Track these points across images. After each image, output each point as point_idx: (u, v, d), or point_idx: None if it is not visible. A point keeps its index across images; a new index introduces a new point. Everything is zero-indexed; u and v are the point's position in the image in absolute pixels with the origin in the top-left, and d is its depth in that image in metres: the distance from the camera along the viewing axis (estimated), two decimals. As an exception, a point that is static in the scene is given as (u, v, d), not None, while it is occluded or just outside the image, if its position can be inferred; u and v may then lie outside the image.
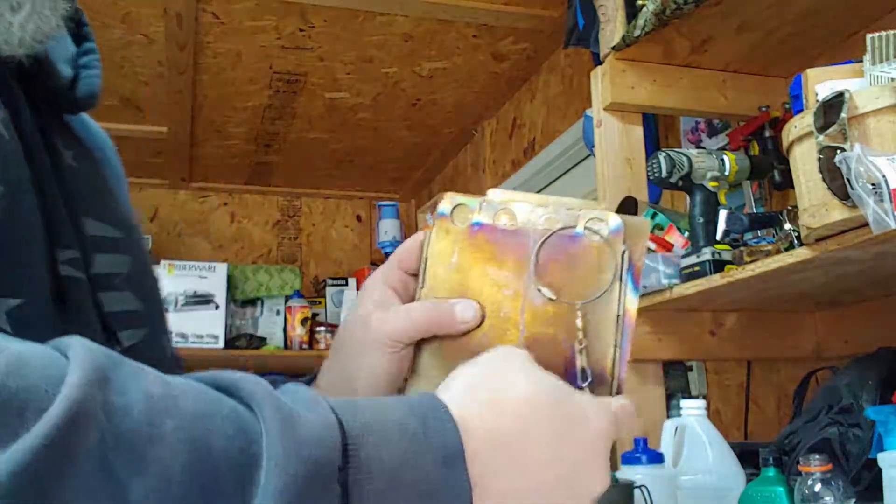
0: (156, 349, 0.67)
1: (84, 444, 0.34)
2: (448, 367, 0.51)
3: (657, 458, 1.29)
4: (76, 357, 0.37)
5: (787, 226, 1.17)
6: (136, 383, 0.37)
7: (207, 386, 0.39)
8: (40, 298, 0.52)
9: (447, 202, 0.56)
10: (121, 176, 0.77)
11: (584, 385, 0.51)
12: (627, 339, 0.53)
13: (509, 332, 0.53)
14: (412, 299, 0.57)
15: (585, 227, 0.54)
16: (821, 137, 0.97)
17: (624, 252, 0.53)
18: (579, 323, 0.52)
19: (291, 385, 0.42)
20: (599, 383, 0.52)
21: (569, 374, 0.52)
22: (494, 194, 0.55)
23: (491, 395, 0.45)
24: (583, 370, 0.52)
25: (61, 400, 0.34)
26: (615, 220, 0.54)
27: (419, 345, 0.55)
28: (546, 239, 0.54)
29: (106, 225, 0.65)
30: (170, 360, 0.69)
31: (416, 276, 0.57)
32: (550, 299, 0.53)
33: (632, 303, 0.53)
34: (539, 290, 0.53)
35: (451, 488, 0.40)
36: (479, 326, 0.54)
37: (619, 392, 0.52)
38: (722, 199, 1.39)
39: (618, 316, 0.53)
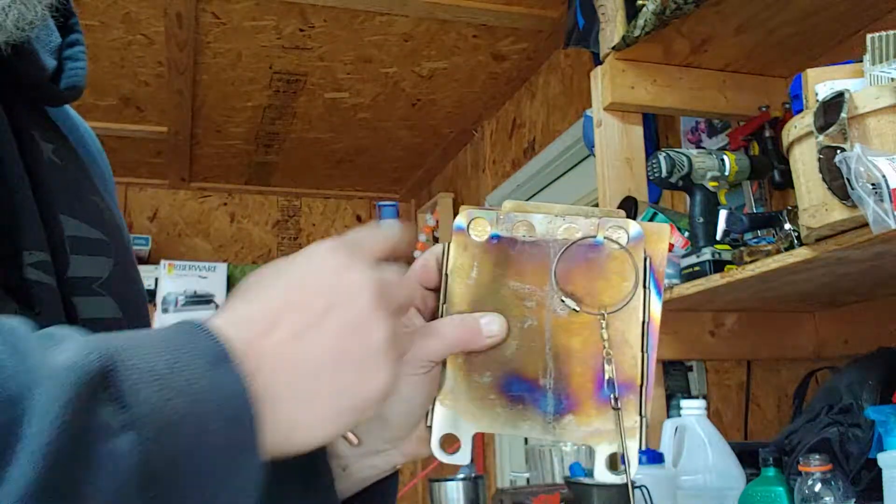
0: None
1: None
2: (475, 381, 0.50)
3: (657, 458, 1.29)
4: None
5: (787, 226, 1.17)
6: None
7: None
8: None
9: (463, 216, 0.55)
10: (107, 175, 0.74)
11: (612, 395, 0.51)
12: (653, 345, 0.52)
13: (535, 342, 0.53)
14: (433, 315, 0.55)
15: (605, 236, 0.53)
16: (821, 137, 0.97)
17: (646, 259, 0.53)
18: (605, 333, 0.52)
19: (53, 330, 0.39)
20: (629, 391, 0.51)
21: (596, 385, 0.51)
22: (510, 205, 0.55)
23: (235, 297, 0.44)
24: (610, 381, 0.51)
25: None
26: (635, 227, 0.53)
27: (445, 360, 0.54)
28: (566, 249, 0.53)
29: (86, 225, 0.62)
30: None
31: (434, 290, 0.56)
32: (574, 310, 0.52)
33: (656, 309, 0.53)
34: (562, 301, 0.53)
35: (222, 385, 0.38)
36: (504, 340, 0.53)
37: (648, 400, 0.52)
38: (722, 199, 1.39)
39: (643, 322, 0.52)
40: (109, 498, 0.34)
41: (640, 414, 0.51)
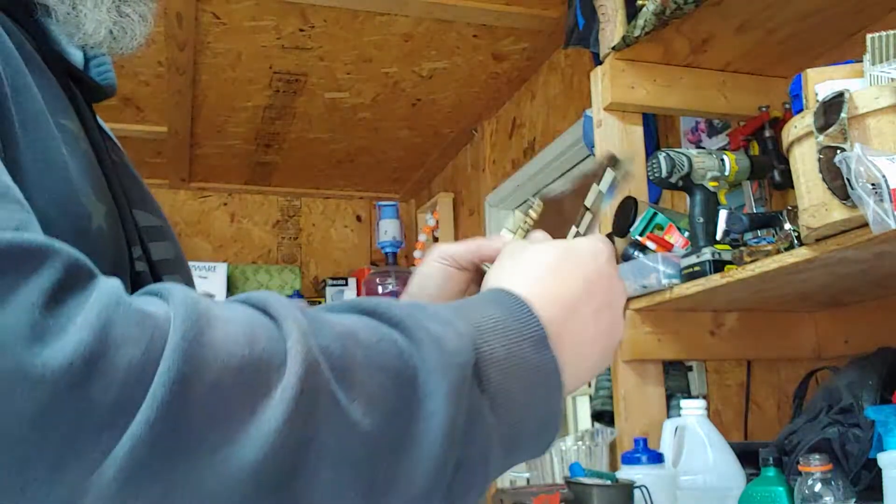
0: None
1: (321, 384, 0.40)
2: None
3: (657, 458, 1.29)
4: (285, 316, 0.42)
5: (787, 226, 1.17)
6: (325, 327, 0.43)
7: (360, 314, 0.47)
8: None
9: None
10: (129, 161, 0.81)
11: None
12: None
13: None
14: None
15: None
16: (821, 137, 0.97)
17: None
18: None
19: (417, 304, 0.50)
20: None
21: None
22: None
23: (536, 272, 0.55)
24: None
25: (295, 356, 0.40)
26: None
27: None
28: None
29: (149, 215, 0.69)
30: None
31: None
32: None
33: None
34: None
35: (544, 366, 0.49)
36: None
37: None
38: (722, 199, 1.39)
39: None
40: (483, 461, 0.46)
41: None
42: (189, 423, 0.37)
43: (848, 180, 0.93)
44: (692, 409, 1.32)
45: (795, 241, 1.13)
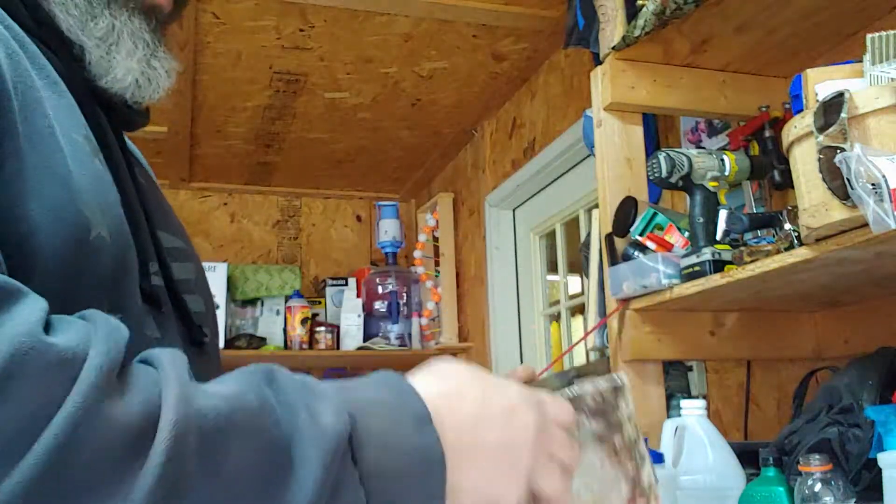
0: (215, 347, 0.77)
1: (188, 452, 0.43)
2: None
3: (657, 458, 1.29)
4: (167, 380, 0.45)
5: (787, 226, 1.17)
6: (205, 392, 0.46)
7: (255, 379, 0.49)
8: (134, 312, 0.61)
9: None
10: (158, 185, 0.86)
11: None
12: None
13: None
14: None
15: None
16: (821, 137, 0.97)
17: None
18: None
19: (303, 376, 0.52)
20: None
21: None
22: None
23: (436, 373, 0.56)
24: None
25: (166, 425, 0.42)
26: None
27: None
28: None
29: (173, 237, 0.75)
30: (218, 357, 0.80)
31: None
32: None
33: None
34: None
35: (425, 445, 0.50)
36: None
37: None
38: (722, 199, 1.39)
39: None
40: None
41: None
42: (63, 486, 0.39)
43: (848, 180, 0.93)
44: (692, 409, 1.32)
45: (795, 241, 1.13)
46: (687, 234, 1.42)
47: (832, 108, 0.97)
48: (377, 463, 0.48)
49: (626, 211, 1.49)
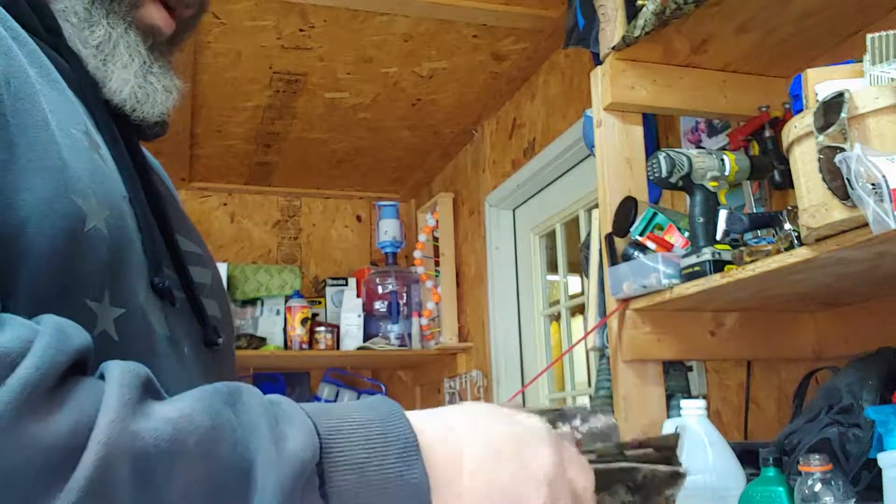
0: (230, 351, 0.77)
1: (119, 478, 0.41)
2: None
3: (657, 458, 1.28)
4: (108, 399, 0.43)
5: (787, 226, 1.17)
6: (150, 412, 0.44)
7: (215, 399, 0.47)
8: (139, 308, 0.61)
9: None
10: (176, 196, 0.88)
11: None
12: None
13: None
14: None
15: None
16: (821, 137, 0.97)
17: None
18: None
19: (276, 397, 0.50)
20: None
21: None
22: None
23: (436, 412, 0.53)
24: None
25: (93, 446, 0.40)
26: None
27: None
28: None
29: (190, 242, 0.76)
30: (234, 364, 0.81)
31: None
32: None
33: None
34: None
35: (408, 475, 0.47)
36: None
37: None
38: (722, 199, 1.39)
39: None
40: None
41: None
42: None
43: (848, 180, 0.93)
44: (692, 409, 1.32)
45: (795, 241, 1.13)
46: (687, 234, 1.42)
47: (832, 108, 0.97)
48: (351, 490, 0.46)
49: (626, 211, 1.49)
